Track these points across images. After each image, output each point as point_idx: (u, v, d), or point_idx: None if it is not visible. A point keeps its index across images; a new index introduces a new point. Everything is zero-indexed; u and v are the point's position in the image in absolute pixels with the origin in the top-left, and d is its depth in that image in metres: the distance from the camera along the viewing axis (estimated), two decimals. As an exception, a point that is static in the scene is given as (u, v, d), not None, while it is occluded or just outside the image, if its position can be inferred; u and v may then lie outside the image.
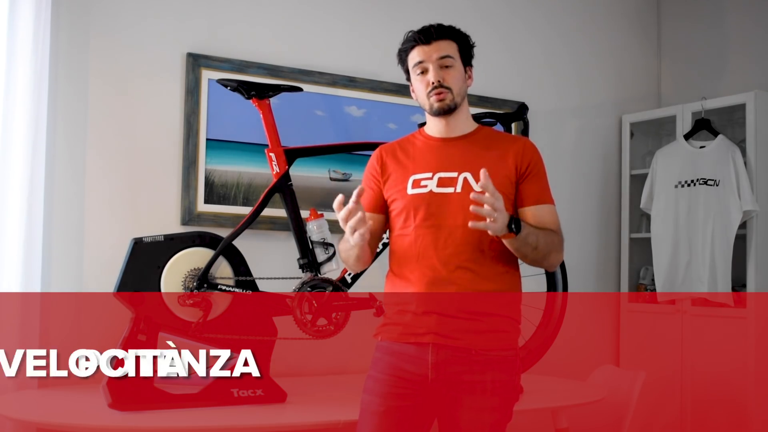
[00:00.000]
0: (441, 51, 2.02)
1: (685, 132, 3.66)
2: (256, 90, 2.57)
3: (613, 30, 4.07)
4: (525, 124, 2.99)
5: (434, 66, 2.02)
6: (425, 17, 3.57)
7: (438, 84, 2.01)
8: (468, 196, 1.88)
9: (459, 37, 2.07)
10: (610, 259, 3.97)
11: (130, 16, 2.88)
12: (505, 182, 1.99)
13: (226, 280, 2.47)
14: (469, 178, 1.99)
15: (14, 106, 2.56)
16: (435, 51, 2.02)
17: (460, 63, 2.06)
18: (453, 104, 2.03)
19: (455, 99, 2.03)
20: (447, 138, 2.07)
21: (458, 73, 2.04)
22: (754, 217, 3.40)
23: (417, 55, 2.04)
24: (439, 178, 2.02)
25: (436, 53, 2.02)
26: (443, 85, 2.01)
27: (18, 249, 2.53)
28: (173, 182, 2.93)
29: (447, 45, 2.04)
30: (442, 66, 2.02)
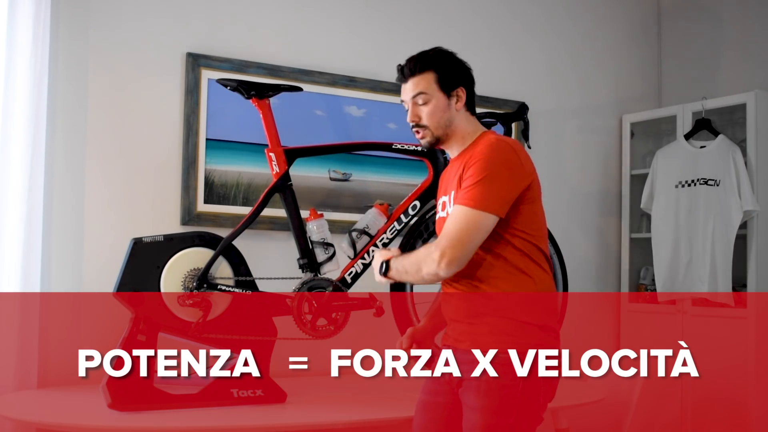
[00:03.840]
0: (415, 88, 2.04)
1: (685, 132, 3.66)
2: (256, 90, 2.56)
3: (613, 30, 4.07)
4: (525, 124, 2.99)
5: (410, 105, 2.06)
6: (425, 17, 3.59)
7: (415, 123, 2.06)
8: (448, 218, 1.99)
9: (438, 65, 2.03)
10: (610, 259, 3.97)
11: (129, 16, 2.88)
12: None
13: (226, 280, 2.46)
14: (447, 202, 2.05)
15: (14, 105, 2.56)
16: (410, 89, 2.05)
17: (440, 94, 2.03)
18: (434, 140, 2.06)
19: (435, 134, 2.05)
20: (451, 159, 2.13)
21: (434, 108, 2.03)
22: (755, 217, 3.40)
23: (402, 92, 2.09)
24: (441, 203, 2.12)
25: (411, 92, 2.05)
26: (419, 124, 2.05)
27: (17, 249, 2.53)
28: (173, 182, 2.93)
29: (421, 80, 2.03)
30: (416, 104, 2.05)
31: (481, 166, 1.91)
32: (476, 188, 1.90)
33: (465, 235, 1.89)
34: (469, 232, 1.89)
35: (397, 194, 3.15)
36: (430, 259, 1.91)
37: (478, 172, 1.91)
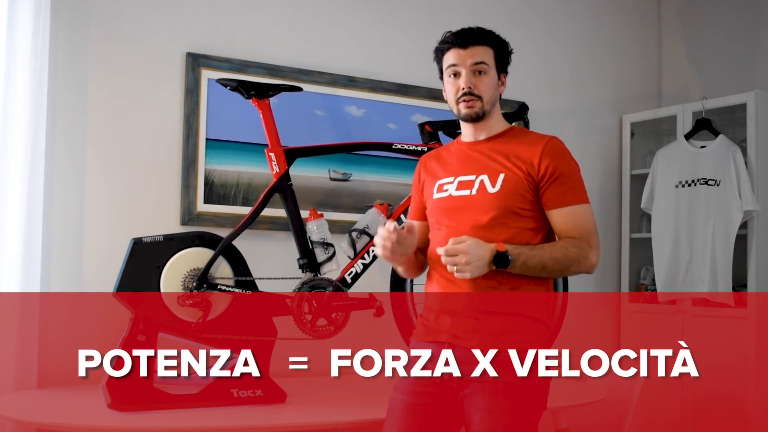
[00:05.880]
0: (476, 57, 2.00)
1: (685, 132, 3.66)
2: (256, 90, 2.56)
3: (613, 30, 4.07)
4: (525, 123, 2.99)
5: (467, 71, 2.00)
6: (425, 18, 3.58)
7: (468, 90, 2.00)
8: (482, 197, 1.96)
9: (497, 44, 2.04)
10: (610, 259, 3.97)
11: (129, 16, 2.88)
12: (521, 184, 1.97)
13: (226, 280, 2.46)
14: (485, 181, 1.99)
15: (13, 105, 2.56)
16: (470, 56, 2.00)
17: (494, 70, 2.03)
18: (482, 112, 2.02)
19: (484, 107, 2.02)
20: (475, 141, 2.08)
21: (491, 81, 2.02)
22: (755, 217, 3.39)
23: (451, 58, 2.02)
24: (459, 182, 2.03)
25: (471, 59, 2.00)
26: (473, 92, 2.00)
27: (17, 249, 2.53)
28: (173, 182, 2.93)
29: (483, 51, 2.01)
30: (475, 72, 2.00)
31: (567, 164, 2.01)
32: (577, 185, 2.01)
33: (596, 229, 2.02)
34: (595, 226, 2.02)
35: (397, 194, 3.15)
36: (588, 257, 1.96)
37: (568, 170, 2.00)
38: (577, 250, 1.95)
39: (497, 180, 1.97)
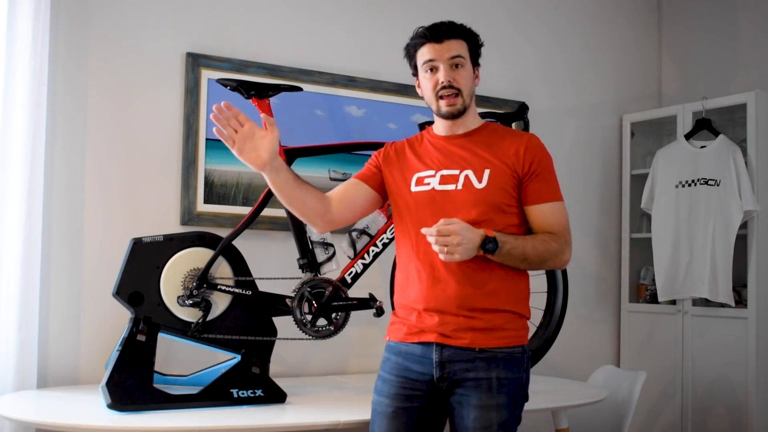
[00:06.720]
0: (452, 50, 2.01)
1: (685, 132, 3.66)
2: (256, 89, 2.56)
3: (614, 30, 4.07)
4: (525, 123, 2.99)
5: (445, 65, 2.01)
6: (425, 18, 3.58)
7: (448, 84, 2.00)
8: (469, 193, 1.96)
9: (469, 37, 2.06)
10: (610, 259, 3.97)
11: (129, 16, 2.88)
12: (506, 180, 1.99)
13: (226, 280, 2.46)
14: (470, 176, 1.99)
15: (13, 105, 2.55)
16: (446, 50, 2.01)
17: (470, 63, 2.05)
18: (462, 107, 2.03)
19: (465, 102, 2.03)
20: (452, 135, 2.08)
21: (468, 74, 2.04)
22: (755, 217, 3.39)
23: (427, 53, 2.02)
24: (441, 176, 2.02)
25: (448, 52, 2.01)
26: (453, 85, 2.00)
27: (18, 249, 2.52)
28: (173, 182, 2.92)
29: (458, 44, 2.03)
30: (452, 66, 2.01)
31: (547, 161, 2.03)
32: (555, 182, 2.04)
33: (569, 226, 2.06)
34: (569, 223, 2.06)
35: (397, 194, 3.15)
36: (564, 253, 2.00)
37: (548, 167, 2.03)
38: (557, 245, 1.99)
39: (483, 176, 1.99)
